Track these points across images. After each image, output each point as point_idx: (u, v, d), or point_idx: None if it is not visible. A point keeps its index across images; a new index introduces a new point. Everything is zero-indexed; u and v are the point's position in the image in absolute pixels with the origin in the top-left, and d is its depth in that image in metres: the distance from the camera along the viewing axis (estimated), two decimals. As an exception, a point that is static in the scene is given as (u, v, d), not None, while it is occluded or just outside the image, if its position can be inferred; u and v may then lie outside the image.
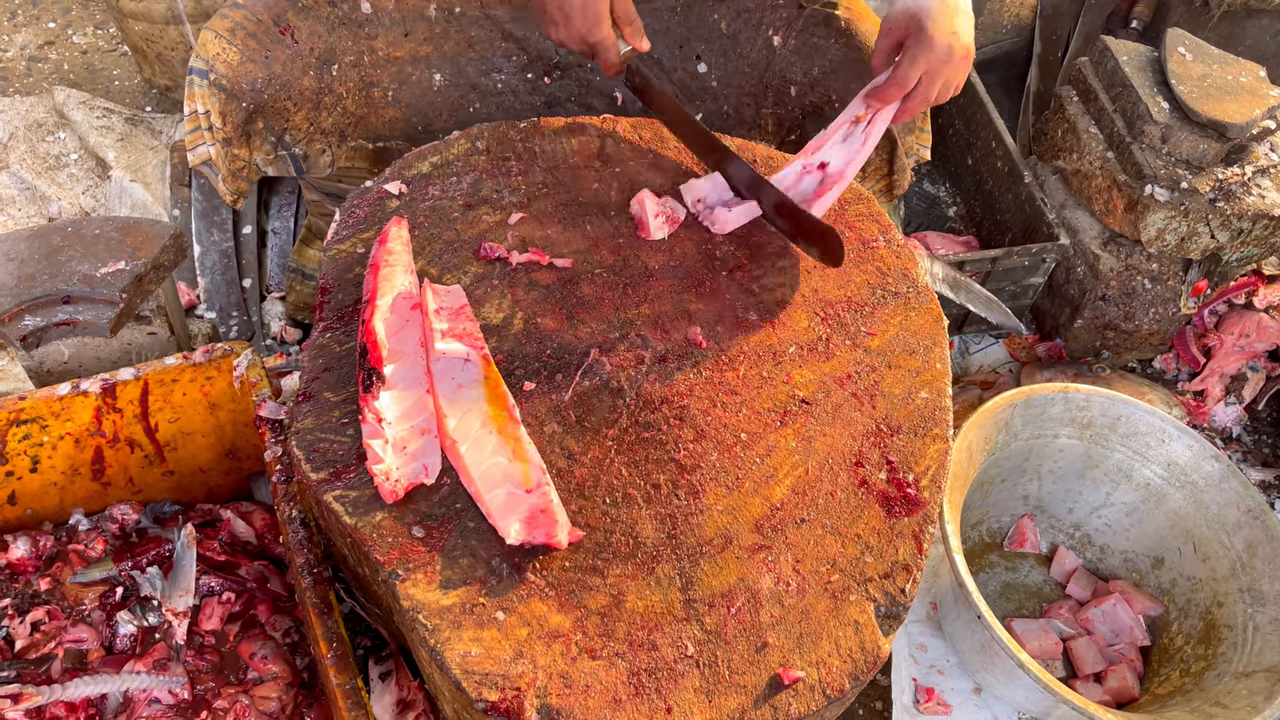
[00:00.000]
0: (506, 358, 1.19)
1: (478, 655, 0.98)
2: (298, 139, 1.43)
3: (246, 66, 1.40)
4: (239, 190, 1.46)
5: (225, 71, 1.39)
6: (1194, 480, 1.59)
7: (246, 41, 1.41)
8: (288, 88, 1.40)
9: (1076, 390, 1.60)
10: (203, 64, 1.41)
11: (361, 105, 1.43)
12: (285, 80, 1.40)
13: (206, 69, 1.40)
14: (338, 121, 1.44)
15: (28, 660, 1.31)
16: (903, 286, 1.33)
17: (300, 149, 1.44)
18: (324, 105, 1.41)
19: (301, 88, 1.40)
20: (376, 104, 1.44)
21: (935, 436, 1.20)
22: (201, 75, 1.41)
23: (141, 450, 1.44)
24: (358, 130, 1.45)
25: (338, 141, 1.45)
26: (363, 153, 1.47)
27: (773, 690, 1.01)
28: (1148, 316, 1.94)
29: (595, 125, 1.43)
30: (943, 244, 2.05)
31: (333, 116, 1.43)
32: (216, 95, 1.40)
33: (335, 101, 1.41)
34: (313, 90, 1.41)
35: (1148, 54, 1.91)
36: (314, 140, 1.44)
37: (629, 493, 1.11)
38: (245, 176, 1.46)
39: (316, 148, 1.44)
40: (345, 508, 1.07)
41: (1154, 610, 1.62)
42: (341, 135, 1.45)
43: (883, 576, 1.09)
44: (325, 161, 1.46)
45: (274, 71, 1.40)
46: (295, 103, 1.40)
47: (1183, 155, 1.79)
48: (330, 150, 1.45)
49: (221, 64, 1.40)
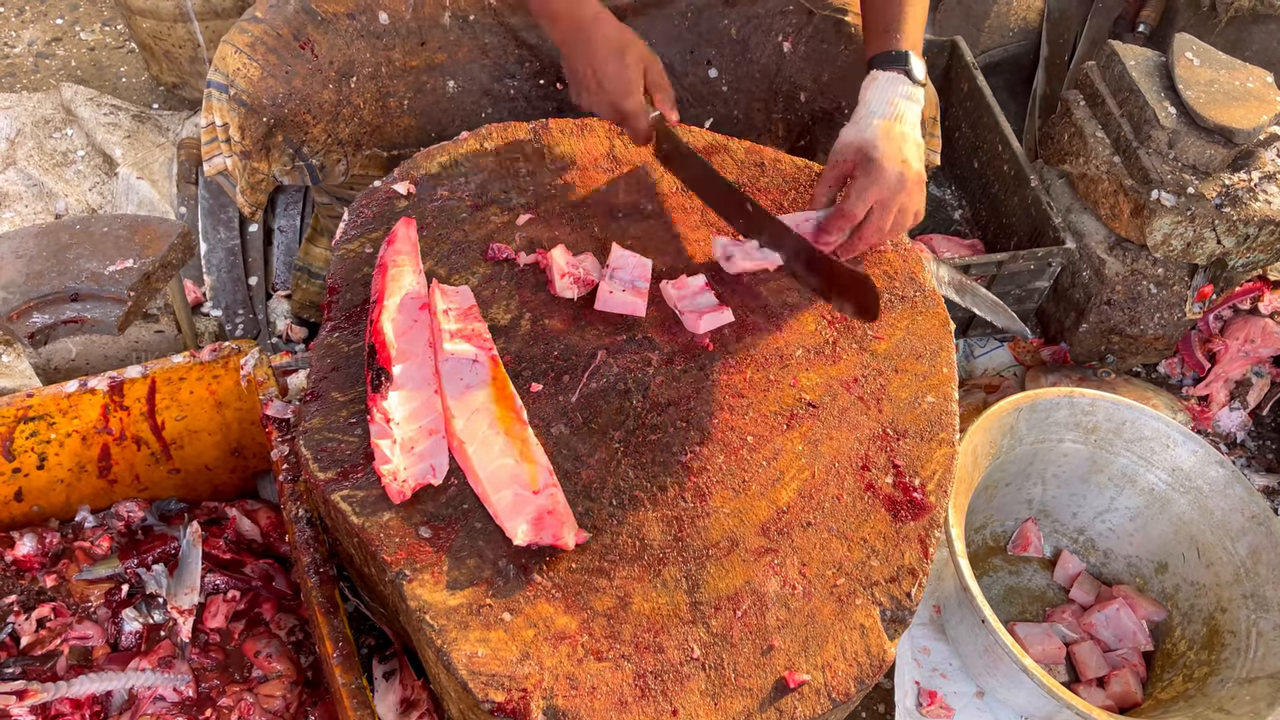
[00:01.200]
0: (514, 359, 1.19)
1: (484, 656, 0.99)
2: (315, 150, 1.44)
3: (267, 82, 1.40)
4: (257, 203, 1.47)
5: (246, 87, 1.40)
6: (1198, 485, 1.59)
7: (267, 57, 1.41)
8: (307, 101, 1.41)
9: (1082, 395, 1.60)
10: (222, 78, 1.41)
11: (378, 115, 1.44)
12: (305, 94, 1.41)
13: (226, 84, 1.41)
14: (354, 132, 1.44)
15: (33, 657, 1.32)
16: (909, 290, 1.33)
17: (318, 160, 1.45)
18: (342, 117, 1.42)
19: (321, 101, 1.41)
20: (392, 113, 1.45)
21: (941, 441, 1.20)
22: (221, 90, 1.41)
23: (148, 448, 1.44)
24: (373, 139, 1.45)
25: (353, 151, 1.46)
26: (377, 161, 1.48)
27: (778, 693, 1.01)
28: (1153, 321, 1.94)
29: (604, 126, 1.43)
30: (949, 247, 2.05)
31: (350, 127, 1.43)
32: (237, 110, 1.40)
33: (353, 113, 1.42)
34: (331, 103, 1.41)
35: (1155, 59, 1.91)
36: (331, 151, 1.44)
37: (636, 495, 1.11)
38: (263, 189, 1.47)
39: (333, 158, 1.45)
40: (353, 507, 1.07)
41: (1157, 615, 1.62)
42: (357, 145, 1.46)
43: (888, 580, 1.09)
44: (340, 170, 1.47)
45: (294, 86, 1.40)
46: (314, 116, 1.41)
47: (1189, 160, 1.79)
48: (346, 159, 1.46)
49: (242, 79, 1.40)
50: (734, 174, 1.41)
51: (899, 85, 1.32)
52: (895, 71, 1.32)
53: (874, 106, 1.31)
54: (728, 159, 1.42)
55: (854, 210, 1.27)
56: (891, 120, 1.30)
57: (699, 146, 1.42)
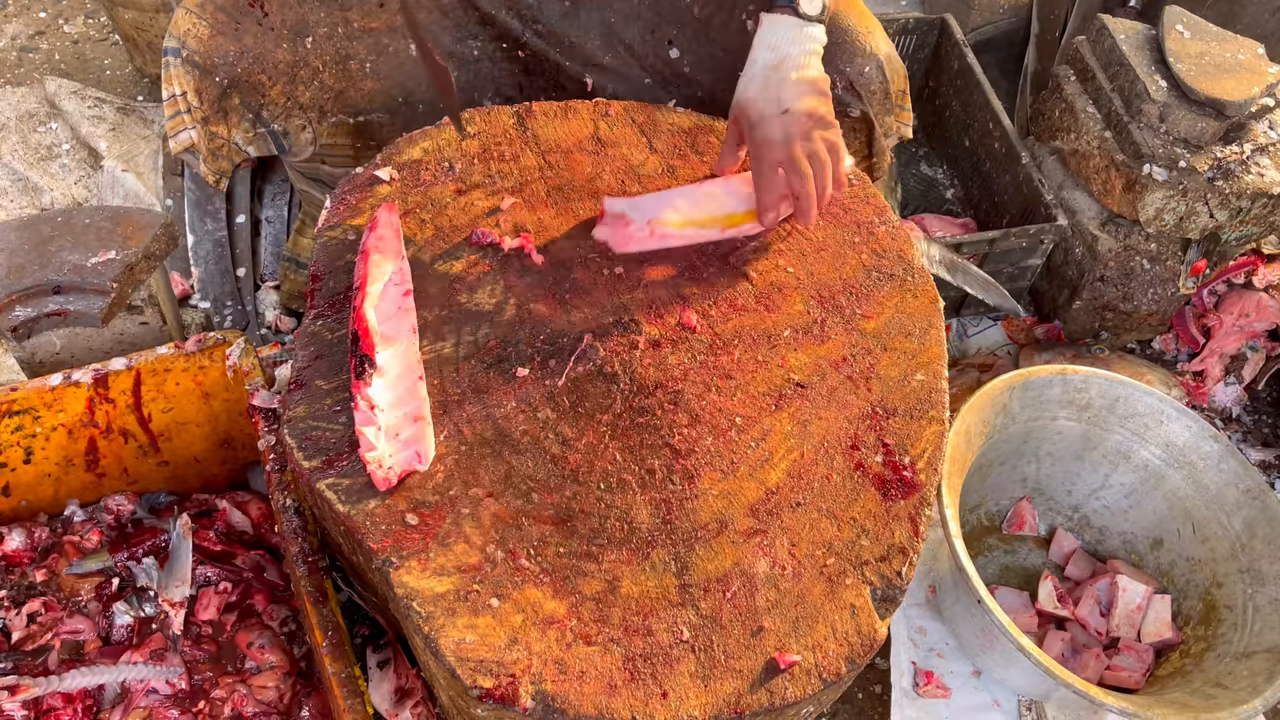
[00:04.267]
0: (499, 344, 1.18)
1: (472, 642, 0.98)
2: (275, 114, 1.42)
3: (217, 40, 1.38)
4: (220, 170, 1.45)
5: (196, 47, 1.38)
6: (1193, 461, 1.58)
7: (216, 15, 1.39)
8: (261, 60, 1.39)
9: (1075, 372, 1.59)
10: (175, 42, 1.40)
11: (339, 79, 1.41)
12: (258, 53, 1.39)
13: (179, 46, 1.39)
14: (315, 96, 1.42)
15: (24, 652, 1.31)
16: (899, 269, 1.32)
17: (279, 125, 1.43)
18: (300, 79, 1.40)
19: (275, 61, 1.39)
20: (354, 76, 1.42)
21: (931, 419, 1.19)
22: (175, 54, 1.40)
23: (135, 441, 1.44)
24: (337, 105, 1.43)
25: (318, 117, 1.44)
26: (344, 128, 1.45)
27: (769, 674, 1.00)
28: (1146, 297, 1.93)
29: (588, 108, 1.42)
30: (940, 226, 2.04)
31: (310, 90, 1.41)
32: (190, 73, 1.39)
33: (312, 75, 1.40)
34: (287, 63, 1.39)
35: (1145, 32, 1.89)
36: (292, 115, 1.42)
37: (623, 478, 1.10)
38: (226, 155, 1.45)
39: (296, 124, 1.43)
40: (338, 496, 1.06)
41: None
42: (321, 110, 1.43)
43: (879, 560, 1.09)
44: (306, 139, 1.44)
45: (245, 44, 1.38)
46: (270, 77, 1.39)
47: (1181, 134, 1.78)
48: (311, 127, 1.44)
49: (193, 39, 1.39)
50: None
51: (781, 27, 1.25)
52: (780, 12, 1.26)
53: (757, 54, 1.26)
54: (713, 139, 1.41)
55: (762, 174, 1.22)
56: (771, 68, 1.24)
57: (685, 127, 1.41)
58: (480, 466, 1.09)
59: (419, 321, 1.19)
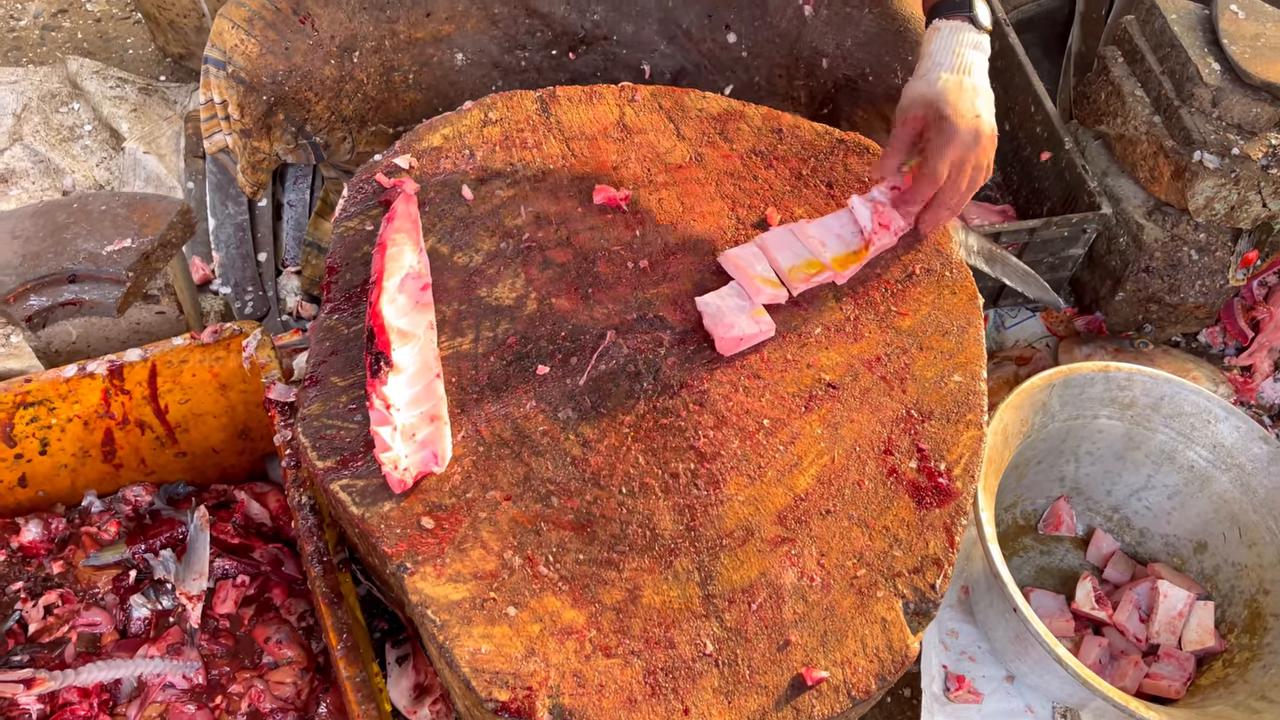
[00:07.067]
0: (519, 340, 1.15)
1: (488, 653, 0.95)
2: (319, 128, 1.40)
3: (266, 59, 1.35)
4: (258, 182, 1.43)
5: (244, 64, 1.35)
6: (1241, 463, 1.52)
7: (265, 32, 1.36)
8: (309, 78, 1.36)
9: (1118, 369, 1.53)
10: (220, 54, 1.36)
11: (382, 90, 1.39)
12: (306, 71, 1.36)
13: (224, 60, 1.36)
14: (358, 108, 1.40)
15: (41, 644, 1.30)
16: (935, 263, 1.26)
17: (321, 138, 1.41)
18: (345, 93, 1.37)
19: (323, 77, 1.36)
20: (397, 88, 1.40)
21: (969, 423, 1.14)
22: (219, 66, 1.36)
23: (152, 432, 1.42)
24: (378, 116, 1.41)
25: (358, 128, 1.42)
26: (383, 137, 1.44)
27: (795, 691, 0.96)
28: (1194, 289, 1.86)
29: (614, 93, 1.37)
30: (978, 214, 1.97)
31: (353, 103, 1.38)
32: (235, 88, 1.36)
33: (356, 88, 1.37)
34: (334, 79, 1.37)
35: (1198, 12, 1.81)
36: (335, 129, 1.40)
37: (646, 482, 1.06)
38: (265, 168, 1.43)
39: (337, 135, 1.41)
40: (352, 497, 1.03)
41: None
42: (362, 121, 1.41)
43: (912, 571, 1.04)
44: (346, 148, 1.43)
45: (295, 63, 1.35)
46: (316, 93, 1.36)
47: (1234, 119, 1.70)
48: (351, 137, 1.42)
49: (240, 56, 1.35)
50: (751, 141, 1.34)
51: (964, 33, 1.22)
52: (958, 19, 1.23)
53: (939, 58, 1.22)
54: (744, 125, 1.35)
55: (936, 172, 1.19)
56: (959, 73, 1.20)
57: (714, 113, 1.36)
58: (498, 468, 1.06)
59: (437, 316, 1.15)
